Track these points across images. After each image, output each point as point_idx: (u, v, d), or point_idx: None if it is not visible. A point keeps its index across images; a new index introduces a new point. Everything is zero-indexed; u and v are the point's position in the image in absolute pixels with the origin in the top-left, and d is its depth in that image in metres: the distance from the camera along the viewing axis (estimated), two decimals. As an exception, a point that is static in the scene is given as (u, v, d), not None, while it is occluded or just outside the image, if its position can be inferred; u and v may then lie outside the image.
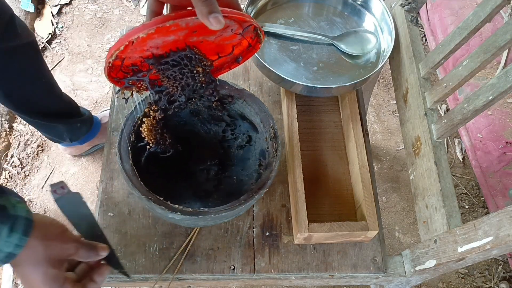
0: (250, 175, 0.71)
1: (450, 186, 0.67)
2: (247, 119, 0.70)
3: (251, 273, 0.69)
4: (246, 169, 0.72)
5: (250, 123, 0.70)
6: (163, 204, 0.57)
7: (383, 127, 1.46)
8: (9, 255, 0.49)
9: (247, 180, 0.71)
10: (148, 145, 0.64)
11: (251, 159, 0.72)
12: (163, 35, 0.52)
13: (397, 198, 1.34)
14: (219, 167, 0.73)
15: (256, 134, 0.70)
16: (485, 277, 1.23)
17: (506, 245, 0.51)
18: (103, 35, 1.60)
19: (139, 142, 0.64)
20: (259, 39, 0.59)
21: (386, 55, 0.79)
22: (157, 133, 0.65)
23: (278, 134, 0.65)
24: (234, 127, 0.73)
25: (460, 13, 1.38)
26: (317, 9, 0.86)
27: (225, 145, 0.74)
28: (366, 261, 0.71)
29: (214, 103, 0.67)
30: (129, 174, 0.59)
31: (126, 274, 0.62)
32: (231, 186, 0.72)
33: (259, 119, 0.67)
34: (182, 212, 0.57)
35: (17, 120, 1.41)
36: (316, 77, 0.77)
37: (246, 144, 0.73)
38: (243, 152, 0.73)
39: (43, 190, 1.30)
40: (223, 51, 0.61)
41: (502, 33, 0.58)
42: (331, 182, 0.77)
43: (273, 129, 0.65)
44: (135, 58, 0.56)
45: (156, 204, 0.57)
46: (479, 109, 0.61)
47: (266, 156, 0.65)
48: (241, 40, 0.60)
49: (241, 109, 0.69)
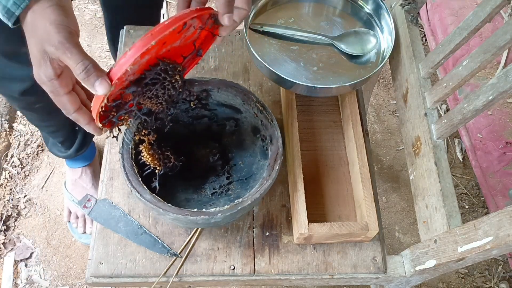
0: (254, 153, 0.71)
1: (450, 186, 0.67)
2: (226, 105, 0.70)
3: (251, 273, 0.69)
4: (248, 150, 0.73)
5: (230, 107, 0.70)
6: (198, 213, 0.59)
7: (383, 127, 1.46)
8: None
9: (253, 159, 0.72)
10: (156, 170, 0.64)
11: (246, 139, 0.72)
12: (139, 60, 0.52)
13: (397, 198, 1.34)
14: (222, 160, 0.74)
15: (241, 115, 0.70)
16: (485, 277, 1.23)
17: (506, 245, 0.51)
18: (103, 35, 1.60)
19: (145, 170, 0.64)
20: (218, 24, 0.56)
21: (386, 55, 0.79)
22: (159, 154, 0.65)
23: (266, 105, 0.66)
24: (216, 118, 0.73)
25: (460, 13, 1.38)
26: (317, 9, 0.86)
27: (217, 138, 0.75)
28: (366, 261, 0.71)
29: (192, 103, 0.67)
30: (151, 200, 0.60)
31: None
32: (242, 171, 0.72)
33: (240, 100, 0.67)
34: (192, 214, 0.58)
35: (17, 120, 1.41)
36: (316, 77, 0.77)
37: (235, 128, 0.73)
38: (237, 136, 0.74)
39: (43, 190, 1.30)
40: (187, 51, 0.61)
41: (502, 33, 0.58)
42: (331, 182, 0.77)
43: (259, 102, 0.66)
44: (115, 93, 0.55)
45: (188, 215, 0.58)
46: (479, 109, 0.61)
47: (262, 129, 0.67)
48: (200, 34, 0.59)
49: (217, 98, 0.69)
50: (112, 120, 0.58)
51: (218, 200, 0.70)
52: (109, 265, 0.68)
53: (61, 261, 1.21)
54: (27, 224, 1.25)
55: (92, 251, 0.70)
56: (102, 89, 0.48)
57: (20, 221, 1.25)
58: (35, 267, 1.19)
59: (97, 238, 0.70)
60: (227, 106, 0.70)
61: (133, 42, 0.87)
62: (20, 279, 1.18)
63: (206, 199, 0.70)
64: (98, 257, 0.69)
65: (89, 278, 0.68)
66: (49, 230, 1.24)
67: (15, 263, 1.19)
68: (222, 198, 0.70)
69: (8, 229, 1.24)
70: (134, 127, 0.62)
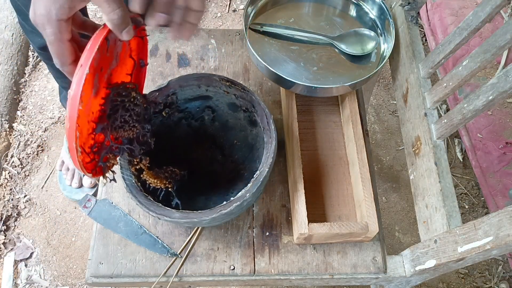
0: (243, 127, 0.72)
1: (450, 186, 0.67)
2: (194, 98, 0.70)
3: (251, 273, 0.69)
4: (236, 127, 0.73)
5: (199, 98, 0.70)
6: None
7: (383, 127, 1.46)
8: None
9: (245, 132, 0.72)
10: (169, 188, 0.65)
11: (229, 119, 0.73)
12: (89, 96, 0.51)
13: (397, 198, 1.34)
14: (218, 148, 0.75)
15: (212, 100, 0.71)
16: (485, 277, 1.23)
17: (506, 245, 0.51)
18: (103, 35, 1.60)
19: (157, 192, 0.65)
20: (141, 27, 0.55)
21: (386, 55, 0.79)
22: (163, 173, 0.65)
23: (234, 80, 0.66)
24: (191, 115, 0.73)
25: (460, 13, 1.38)
26: (317, 9, 0.86)
27: (203, 131, 0.75)
28: (366, 261, 0.71)
29: (164, 112, 0.67)
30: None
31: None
32: (241, 148, 0.73)
33: (204, 87, 0.67)
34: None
35: (17, 120, 1.41)
36: (316, 77, 0.77)
37: (214, 114, 0.73)
38: (218, 121, 0.74)
39: (43, 190, 1.30)
40: (129, 67, 0.60)
41: (502, 33, 0.58)
42: (331, 182, 0.77)
43: (223, 79, 0.66)
44: (87, 139, 0.54)
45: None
46: (479, 109, 0.61)
47: (238, 102, 0.67)
48: (130, 44, 0.58)
49: (184, 96, 0.69)
50: (100, 165, 0.57)
51: (236, 185, 0.70)
52: (109, 265, 0.68)
53: (61, 261, 1.21)
54: (27, 224, 1.25)
55: (92, 251, 0.70)
56: (128, 36, 0.49)
57: (20, 221, 1.25)
58: (35, 267, 1.19)
59: (97, 238, 0.70)
60: (196, 99, 0.70)
61: (133, 42, 0.87)
62: (20, 279, 1.18)
63: (224, 190, 0.71)
64: (98, 257, 0.69)
65: (89, 278, 0.68)
66: (49, 230, 1.24)
67: (15, 263, 1.19)
68: (239, 181, 0.71)
69: (8, 229, 1.24)
70: (125, 161, 0.62)
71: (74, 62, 0.50)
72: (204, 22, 1.65)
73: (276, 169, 0.77)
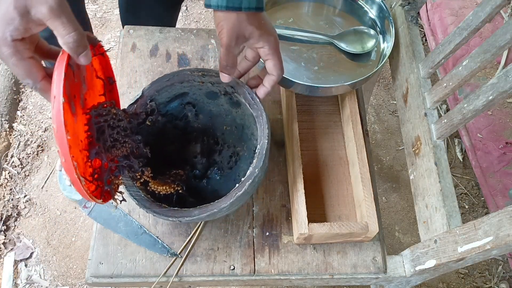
0: (228, 111, 0.72)
1: (450, 186, 0.67)
2: (172, 99, 0.70)
3: (251, 273, 0.69)
4: (221, 114, 0.73)
5: (176, 98, 0.70)
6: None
7: (383, 127, 1.46)
8: None
9: (232, 115, 0.72)
10: (179, 191, 0.66)
11: (212, 108, 0.73)
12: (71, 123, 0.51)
13: (397, 198, 1.34)
14: (210, 139, 0.74)
15: (190, 95, 0.70)
16: (485, 277, 1.23)
17: (506, 245, 0.51)
18: (103, 35, 1.60)
19: (169, 197, 0.66)
20: (97, 44, 0.56)
21: (386, 55, 0.79)
22: (169, 178, 0.66)
23: (204, 68, 0.66)
24: (174, 117, 0.73)
25: (460, 13, 1.38)
26: (317, 9, 0.86)
27: (191, 129, 0.74)
28: (366, 261, 0.71)
29: (148, 121, 0.66)
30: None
31: None
32: (232, 132, 0.73)
33: (178, 84, 0.67)
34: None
35: (17, 120, 1.41)
36: (317, 76, 0.77)
37: (195, 109, 0.73)
38: (202, 113, 0.74)
39: (43, 190, 1.30)
40: (99, 88, 0.60)
41: (502, 33, 0.58)
42: (331, 182, 0.77)
43: (195, 71, 0.66)
44: (85, 168, 0.54)
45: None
46: (479, 109, 0.61)
47: (216, 88, 0.67)
48: (92, 65, 0.58)
49: (162, 100, 0.69)
50: (106, 189, 0.57)
51: (240, 167, 0.71)
52: (109, 265, 0.68)
53: (61, 261, 1.21)
54: (27, 224, 1.25)
55: (92, 251, 0.69)
56: (86, 60, 0.49)
57: (20, 221, 1.25)
58: (35, 267, 1.19)
59: (97, 238, 0.70)
60: (174, 99, 0.70)
61: (133, 42, 0.87)
62: (20, 279, 1.18)
63: (230, 176, 0.71)
64: (98, 257, 0.69)
65: (89, 278, 0.68)
66: (49, 230, 1.24)
67: (15, 263, 1.19)
68: (242, 163, 0.71)
69: (8, 229, 1.24)
70: (128, 179, 0.62)
71: (44, 79, 0.49)
72: (204, 22, 1.66)
73: (276, 169, 0.77)
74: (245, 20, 0.56)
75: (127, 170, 0.60)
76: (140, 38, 0.88)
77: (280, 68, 0.61)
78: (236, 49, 0.59)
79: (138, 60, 0.86)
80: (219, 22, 0.57)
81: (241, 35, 0.57)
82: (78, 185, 0.49)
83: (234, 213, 0.73)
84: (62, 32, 0.46)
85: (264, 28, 0.58)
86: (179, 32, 0.89)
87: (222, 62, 0.60)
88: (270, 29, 0.59)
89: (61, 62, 0.47)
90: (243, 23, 0.56)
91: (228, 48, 0.58)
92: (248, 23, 0.57)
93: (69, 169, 0.47)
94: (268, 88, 0.63)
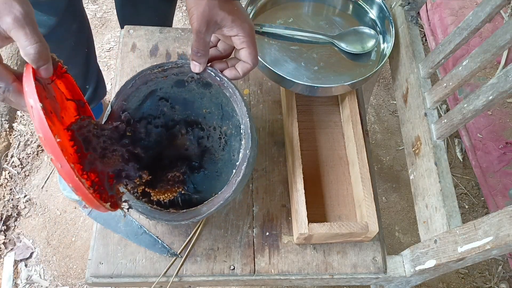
0: (201, 95, 0.71)
1: (450, 186, 0.67)
2: (143, 100, 0.69)
3: (251, 273, 0.69)
4: (195, 99, 0.72)
5: (147, 98, 0.70)
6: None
7: (383, 127, 1.46)
8: None
9: (207, 99, 0.71)
10: (182, 191, 0.66)
11: (185, 95, 0.72)
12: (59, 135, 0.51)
13: (397, 198, 1.34)
14: (192, 127, 0.74)
15: (157, 92, 0.70)
16: (485, 277, 1.23)
17: (506, 245, 0.51)
18: (103, 35, 1.60)
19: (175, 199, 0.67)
20: (57, 64, 0.55)
21: (386, 55, 0.79)
22: (169, 182, 0.66)
23: (162, 62, 0.65)
24: (149, 116, 0.72)
25: (460, 13, 1.38)
26: (317, 9, 0.86)
27: (172, 124, 0.74)
28: (366, 261, 0.71)
29: (128, 132, 0.65)
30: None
31: None
32: (212, 115, 0.73)
33: (144, 87, 0.67)
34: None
35: (17, 120, 1.41)
36: (317, 76, 0.77)
37: (169, 103, 0.72)
38: (178, 105, 0.73)
39: (43, 190, 1.30)
40: (72, 110, 0.61)
41: (502, 33, 0.58)
42: (331, 182, 0.77)
43: (155, 68, 0.65)
44: (85, 182, 0.52)
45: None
46: (479, 109, 0.61)
47: (180, 75, 0.66)
48: (58, 86, 0.57)
49: (134, 106, 0.68)
50: (111, 194, 0.58)
51: (233, 146, 0.70)
52: (109, 265, 0.68)
53: (61, 261, 1.21)
54: (27, 224, 1.25)
55: (92, 251, 0.70)
56: (47, 73, 0.49)
57: (20, 221, 1.25)
58: (35, 267, 1.19)
59: (97, 238, 0.70)
60: (145, 100, 0.69)
61: (133, 42, 0.87)
62: (20, 279, 1.18)
63: (226, 158, 0.71)
64: (98, 257, 0.69)
65: (89, 278, 0.68)
66: (49, 230, 1.24)
67: (15, 263, 1.19)
68: (233, 141, 0.70)
69: (8, 229, 1.24)
70: (130, 194, 0.62)
71: (16, 81, 0.49)
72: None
73: (276, 169, 0.77)
74: (216, 5, 0.56)
75: (125, 179, 0.60)
76: (140, 38, 0.88)
77: (256, 57, 0.60)
78: (207, 36, 0.57)
79: (138, 60, 0.86)
80: (190, 8, 0.56)
81: (212, 21, 0.56)
82: (82, 190, 0.48)
83: (234, 213, 0.73)
84: (23, 43, 0.46)
85: (237, 15, 0.57)
86: (179, 32, 0.89)
87: (193, 49, 0.59)
88: (244, 16, 0.58)
89: (27, 74, 0.47)
90: (214, 9, 0.56)
91: (199, 34, 0.57)
92: (219, 9, 0.56)
93: (68, 174, 0.46)
94: (239, 74, 0.62)
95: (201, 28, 0.56)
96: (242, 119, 0.62)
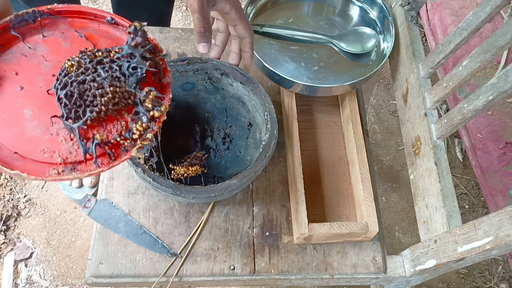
0: (205, 98, 0.74)
1: (450, 186, 0.67)
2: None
3: (251, 273, 0.69)
4: (199, 106, 0.74)
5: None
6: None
7: (383, 127, 1.46)
8: None
9: (227, 89, 0.73)
10: (204, 171, 0.68)
11: (190, 100, 0.74)
12: None
13: (397, 198, 1.34)
14: (207, 128, 0.75)
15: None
16: (485, 277, 1.23)
17: (506, 245, 0.51)
18: (103, 35, 1.60)
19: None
20: (159, 53, 0.51)
21: (386, 55, 0.79)
22: (192, 159, 0.67)
23: (191, 58, 0.68)
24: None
25: (460, 13, 1.38)
26: (317, 9, 0.86)
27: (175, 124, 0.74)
28: (366, 261, 0.71)
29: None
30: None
31: None
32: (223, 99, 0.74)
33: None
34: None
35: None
36: (317, 76, 0.77)
37: (173, 103, 0.71)
38: (182, 108, 0.74)
39: (43, 190, 1.30)
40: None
41: (502, 33, 0.58)
42: (331, 182, 0.77)
43: (182, 60, 0.67)
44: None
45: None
46: (479, 109, 0.61)
47: (194, 84, 0.70)
48: None
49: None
50: (114, 142, 0.49)
51: (236, 146, 0.72)
52: (109, 265, 0.68)
53: (61, 261, 1.21)
54: (27, 224, 1.25)
55: (92, 251, 0.70)
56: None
57: (20, 221, 1.25)
58: (35, 267, 1.19)
59: (97, 238, 0.70)
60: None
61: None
62: (20, 279, 1.18)
63: (233, 153, 0.72)
64: (98, 257, 0.69)
65: (89, 278, 0.68)
66: (49, 230, 1.24)
67: (15, 263, 1.19)
68: (238, 141, 0.72)
69: (8, 229, 1.24)
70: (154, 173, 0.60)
71: None
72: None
73: (276, 169, 0.77)
74: None
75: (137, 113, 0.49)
76: (140, 38, 0.88)
77: (250, 29, 0.63)
78: (208, 10, 0.58)
79: (138, 60, 0.86)
80: None
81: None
82: None
83: (234, 213, 0.73)
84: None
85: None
86: (179, 32, 0.89)
87: (199, 29, 0.58)
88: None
89: None
90: None
91: (201, 10, 0.56)
92: None
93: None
94: (249, 51, 0.65)
95: (203, 4, 0.57)
96: (267, 106, 0.66)
